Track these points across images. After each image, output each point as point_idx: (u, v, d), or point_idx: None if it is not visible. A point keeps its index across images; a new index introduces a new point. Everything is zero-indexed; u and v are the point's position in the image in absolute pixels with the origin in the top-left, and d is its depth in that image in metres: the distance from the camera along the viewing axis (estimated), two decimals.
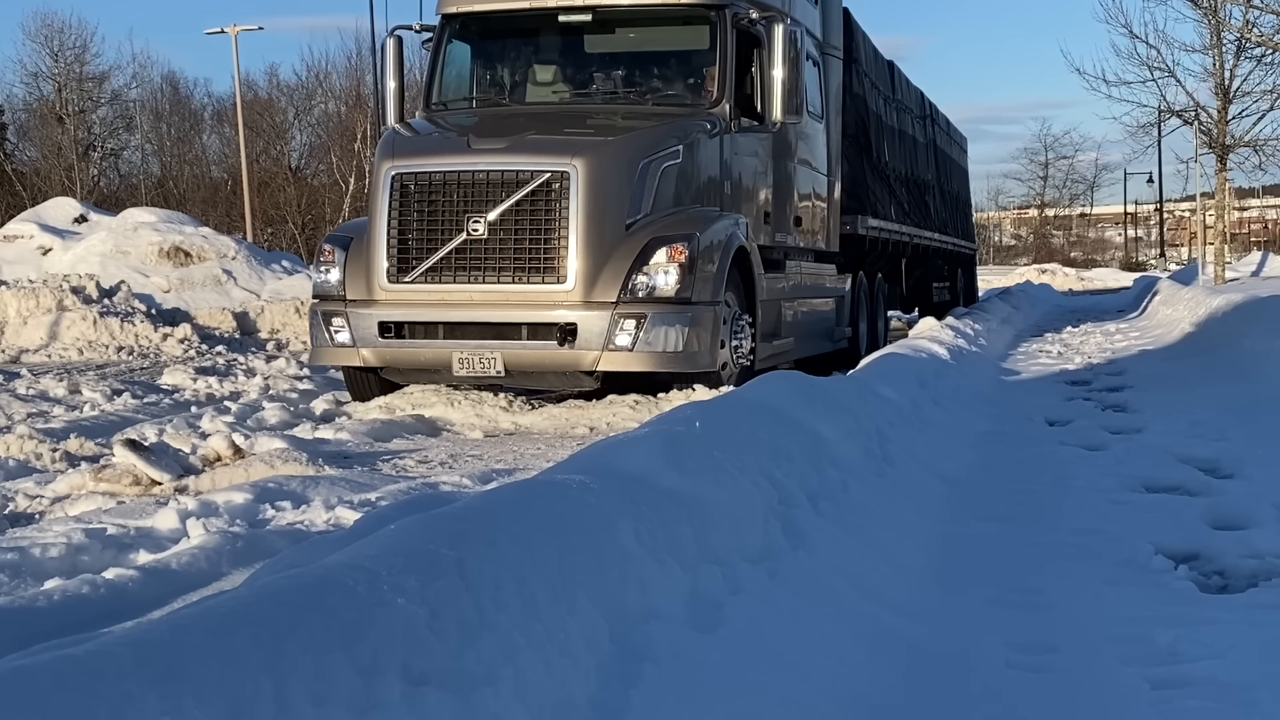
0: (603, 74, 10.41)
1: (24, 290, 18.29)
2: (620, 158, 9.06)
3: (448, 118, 10.29)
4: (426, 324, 9.06)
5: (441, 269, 8.91)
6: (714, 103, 9.86)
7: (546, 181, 8.73)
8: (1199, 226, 30.53)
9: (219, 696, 1.83)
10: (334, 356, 9.47)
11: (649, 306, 8.71)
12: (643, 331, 8.67)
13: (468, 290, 8.88)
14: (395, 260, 8.98)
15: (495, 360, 8.82)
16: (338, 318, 9.22)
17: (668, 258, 8.73)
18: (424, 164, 9.06)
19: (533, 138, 9.12)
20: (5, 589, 4.36)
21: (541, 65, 10.69)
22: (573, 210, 8.68)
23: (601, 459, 3.72)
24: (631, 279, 8.71)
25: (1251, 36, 20.53)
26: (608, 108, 10.05)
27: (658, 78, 10.33)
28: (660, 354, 8.73)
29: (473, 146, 9.11)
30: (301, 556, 3.06)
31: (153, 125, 54.70)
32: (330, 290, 9.32)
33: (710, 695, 2.85)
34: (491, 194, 8.79)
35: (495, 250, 8.80)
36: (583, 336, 8.71)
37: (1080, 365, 13.14)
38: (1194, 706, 3.08)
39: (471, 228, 8.77)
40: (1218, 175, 23.32)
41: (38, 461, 7.35)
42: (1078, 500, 5.71)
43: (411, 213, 8.96)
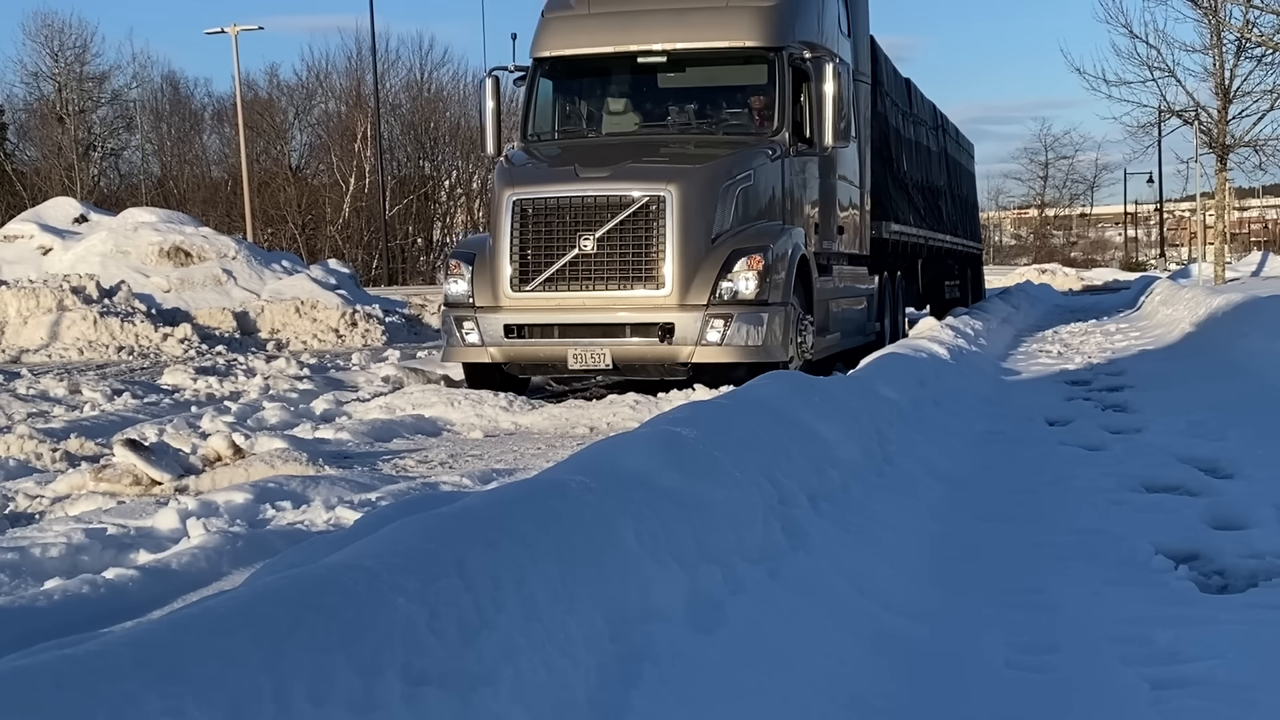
0: (677, 108, 11.93)
1: (24, 290, 18.29)
2: (706, 183, 10.57)
3: (542, 149, 11.80)
4: (545, 325, 10.58)
5: (557, 279, 10.44)
6: (774, 132, 11.38)
7: (645, 204, 10.27)
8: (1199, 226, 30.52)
9: (219, 696, 1.83)
10: (465, 355, 10.90)
11: (734, 308, 10.22)
12: (729, 329, 10.18)
13: (580, 296, 10.40)
14: (518, 272, 10.49)
15: (605, 355, 10.30)
16: (468, 321, 10.70)
17: (747, 266, 10.26)
18: (540, 191, 10.59)
19: (632, 166, 10.64)
20: (5, 589, 4.36)
21: (620, 100, 12.27)
22: (668, 228, 10.23)
23: (601, 459, 3.72)
24: (719, 285, 10.25)
25: (1251, 36, 20.54)
26: (682, 137, 11.55)
27: (725, 110, 11.86)
28: (744, 347, 10.19)
29: (580, 175, 10.60)
30: (301, 556, 3.06)
31: (153, 125, 54.69)
32: (460, 298, 10.80)
33: (710, 695, 2.85)
34: (599, 215, 10.33)
35: (603, 262, 10.34)
36: (680, 334, 10.23)
37: (1080, 365, 13.14)
38: (1194, 706, 3.08)
39: (582, 244, 10.33)
40: (1218, 175, 23.33)
41: (38, 461, 7.35)
42: (1078, 500, 5.71)
43: (530, 232, 10.48)
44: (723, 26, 11.57)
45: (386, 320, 20.49)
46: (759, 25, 11.48)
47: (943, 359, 10.62)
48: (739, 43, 11.55)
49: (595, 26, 11.84)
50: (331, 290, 21.14)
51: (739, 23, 11.52)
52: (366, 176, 50.60)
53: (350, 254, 45.77)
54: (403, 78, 54.96)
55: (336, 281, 22.28)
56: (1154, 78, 22.50)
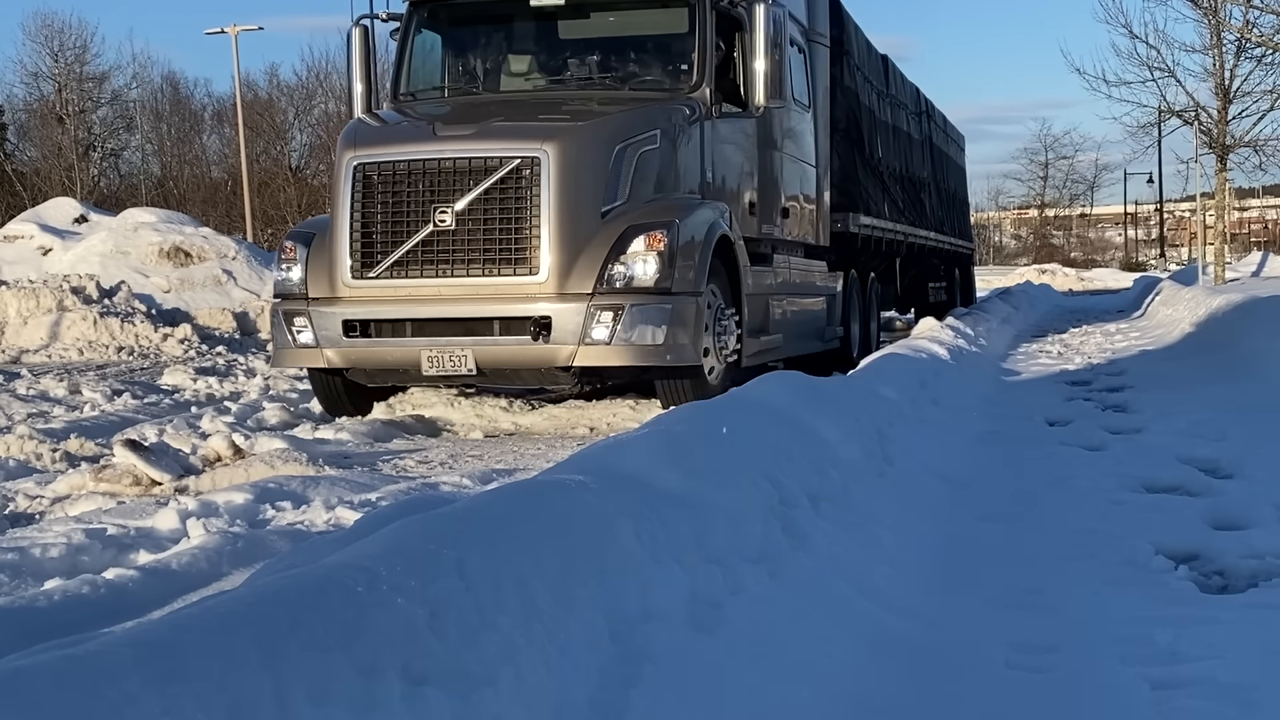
0: (577, 60, 10.04)
1: (24, 290, 18.29)
2: (594, 142, 8.67)
3: (417, 108, 9.90)
4: (393, 321, 8.66)
5: (408, 263, 8.51)
6: (693, 87, 9.46)
7: (516, 168, 8.36)
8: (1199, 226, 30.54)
9: (219, 696, 1.83)
10: (297, 358, 9.06)
11: (627, 297, 8.28)
12: (620, 324, 8.25)
13: (436, 284, 8.47)
14: (359, 255, 8.59)
15: (466, 358, 8.43)
16: (300, 317, 8.81)
17: (646, 246, 8.32)
18: (387, 153, 8.67)
19: (501, 124, 8.80)
20: (5, 589, 4.36)
21: (514, 53, 10.38)
22: (544, 198, 8.29)
23: (601, 459, 3.72)
24: (608, 269, 8.31)
25: (1251, 36, 20.54)
26: (583, 94, 9.67)
27: (635, 63, 10.00)
28: (640, 347, 8.30)
29: (438, 134, 8.75)
30: (301, 556, 3.06)
31: (153, 125, 54.72)
32: (292, 289, 8.94)
33: (710, 695, 2.85)
34: (459, 183, 8.41)
35: (463, 242, 8.41)
36: (557, 330, 8.31)
37: (1080, 365, 13.14)
38: (1194, 706, 3.08)
39: (438, 219, 8.40)
40: (1218, 175, 23.33)
41: (38, 461, 7.35)
42: (1078, 500, 5.71)
43: (375, 205, 8.59)
44: None
45: None
46: None
47: (943, 359, 10.62)
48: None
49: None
50: None
51: None
52: None
53: None
54: None
55: None
56: (1154, 78, 22.51)
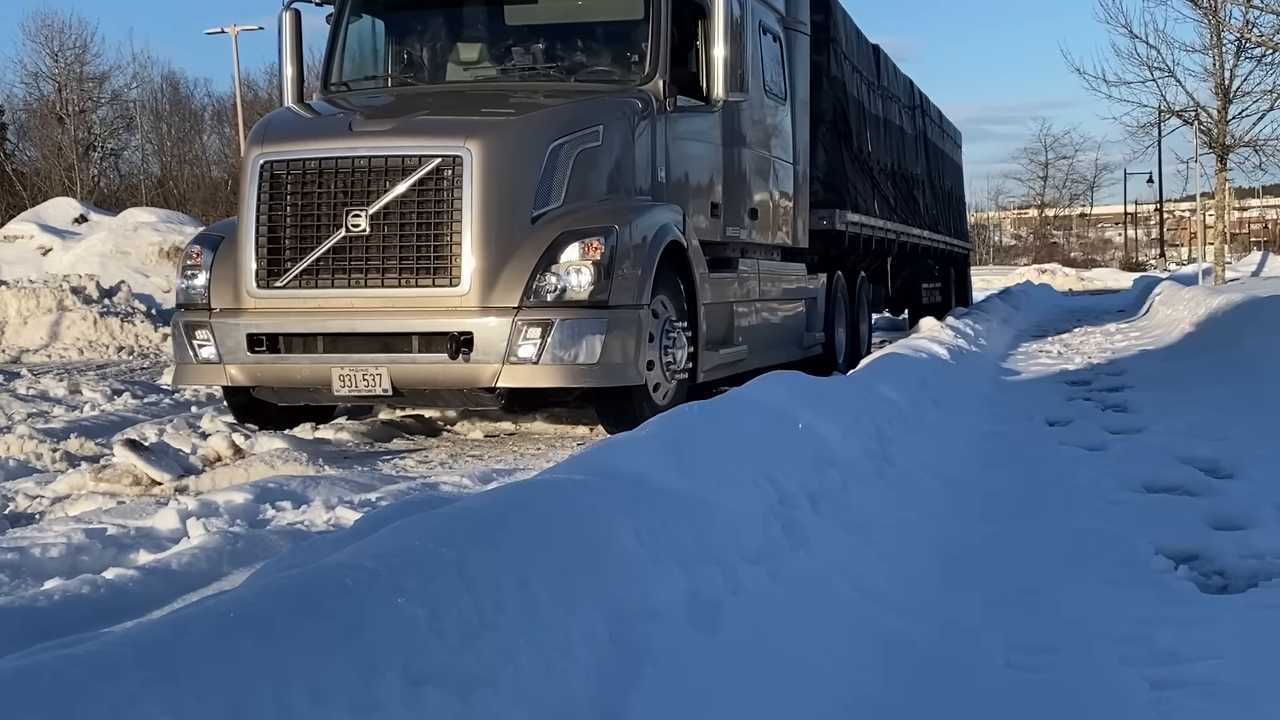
0: (522, 49, 9.27)
1: (24, 290, 18.29)
2: (525, 139, 7.92)
3: (350, 99, 9.16)
4: (302, 335, 7.89)
5: (318, 271, 7.76)
6: (646, 79, 8.70)
7: (437, 167, 7.60)
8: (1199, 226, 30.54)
9: (219, 696, 1.83)
10: (198, 376, 8.31)
11: (557, 311, 7.51)
12: (549, 340, 7.46)
13: (348, 296, 7.73)
14: (265, 262, 7.85)
15: (381, 377, 7.67)
16: (202, 330, 8.06)
17: (581, 254, 7.55)
18: (297, 150, 7.92)
19: (423, 118, 8.09)
20: (5, 589, 4.36)
21: (456, 41, 9.64)
22: (467, 200, 7.53)
23: (601, 459, 3.72)
24: (537, 279, 7.53)
25: (1251, 36, 20.55)
26: (526, 86, 8.91)
27: (584, 52, 9.23)
28: (571, 367, 7.53)
29: (355, 129, 7.99)
30: (301, 556, 3.06)
31: (153, 125, 54.73)
32: (195, 298, 8.17)
33: (710, 695, 2.85)
34: (374, 184, 7.65)
35: (379, 249, 7.66)
36: (480, 347, 7.54)
37: (1080, 365, 13.14)
38: (1194, 706, 3.08)
39: (351, 223, 7.64)
40: (1218, 175, 23.35)
41: (38, 461, 7.35)
42: (1078, 500, 5.70)
43: (283, 207, 7.82)
44: None
45: None
46: None
47: (943, 359, 10.62)
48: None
49: None
50: None
51: None
52: None
53: None
54: None
55: None
56: (1154, 78, 22.53)
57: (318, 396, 8.12)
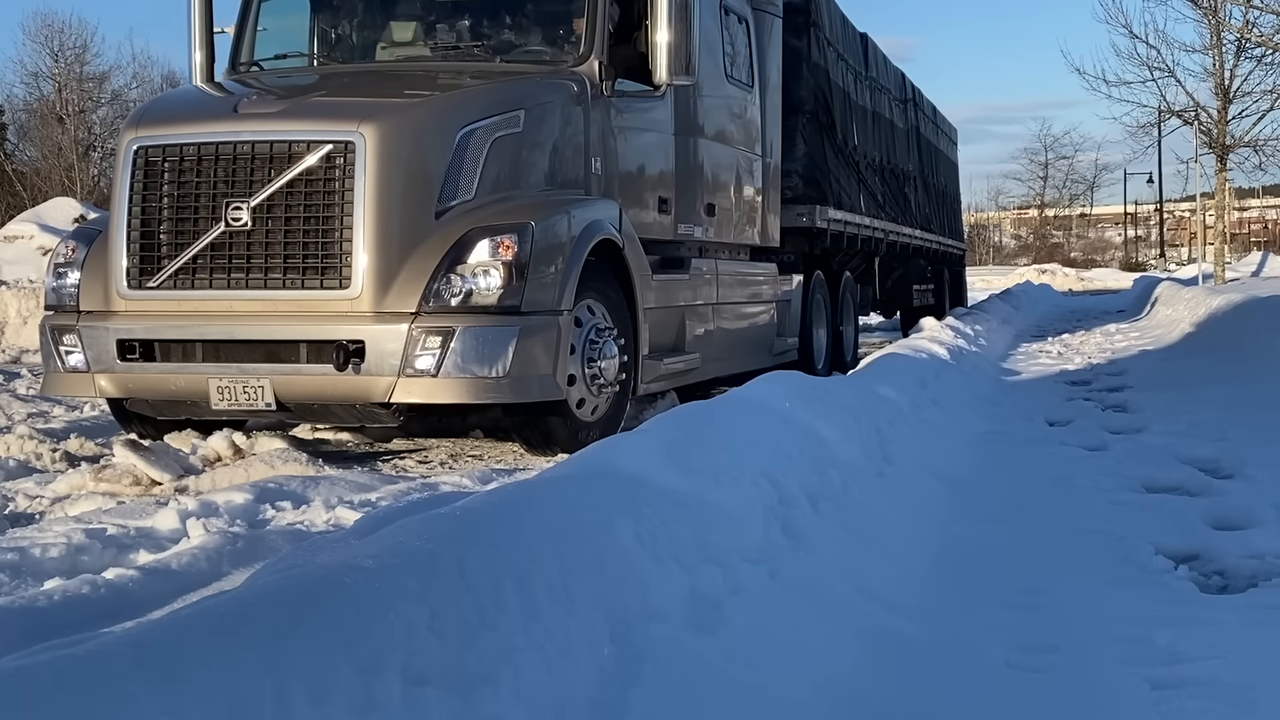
0: (447, 26, 8.61)
1: (24, 290, 18.30)
2: (429, 124, 7.17)
3: (261, 79, 8.46)
4: (177, 342, 7.14)
5: (195, 270, 7.01)
6: (579, 59, 7.93)
7: (327, 155, 6.84)
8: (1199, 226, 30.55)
9: (219, 696, 1.83)
10: (66, 385, 7.50)
11: (461, 318, 6.76)
12: (450, 350, 6.70)
13: (228, 298, 6.98)
14: (138, 259, 7.08)
15: (263, 389, 6.94)
16: (69, 334, 7.29)
17: (491, 253, 6.78)
18: (174, 134, 7.11)
19: (314, 100, 7.39)
20: (5, 589, 4.36)
21: (379, 17, 8.92)
22: (359, 192, 6.77)
23: (601, 459, 3.72)
24: (438, 281, 6.77)
25: (1251, 36, 20.56)
26: (450, 66, 8.21)
27: (513, 30, 8.49)
28: (475, 380, 6.77)
29: (240, 111, 7.20)
30: (301, 556, 3.06)
31: None
32: (64, 299, 7.39)
33: (710, 695, 2.85)
34: (258, 172, 6.90)
35: (262, 245, 6.91)
36: (372, 358, 6.77)
37: (1080, 365, 13.14)
38: (1194, 706, 3.08)
39: (232, 216, 6.88)
40: (1218, 175, 23.36)
41: (38, 461, 7.35)
42: (1078, 500, 5.71)
43: (158, 197, 7.05)
44: None
45: None
46: None
47: (943, 359, 10.62)
48: None
49: None
50: None
51: None
52: None
53: None
54: None
55: None
56: (1154, 78, 22.56)
57: (196, 410, 7.38)
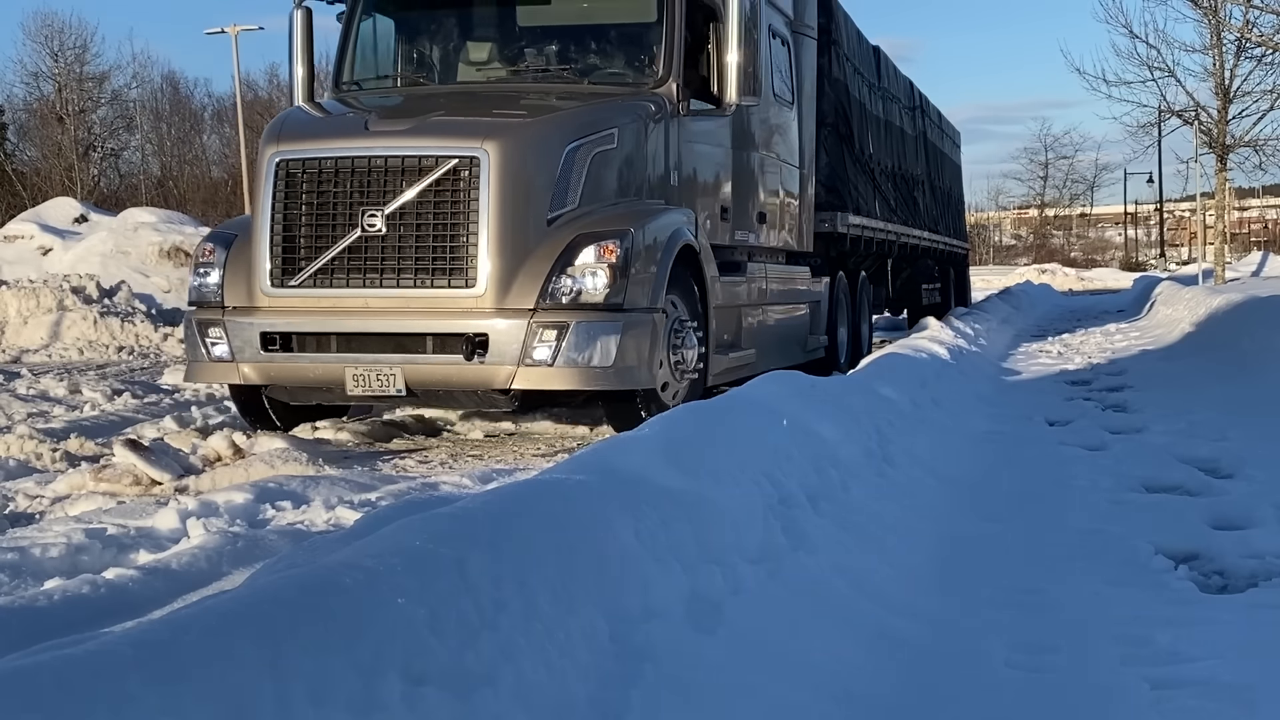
0: (535, 50, 9.26)
1: (24, 290, 18.30)
2: (541, 141, 7.92)
3: (361, 98, 9.18)
4: (316, 335, 7.88)
5: (333, 271, 7.73)
6: (659, 81, 8.69)
7: (454, 168, 7.59)
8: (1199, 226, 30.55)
9: (219, 696, 1.83)
10: (212, 374, 8.26)
11: (573, 314, 7.53)
12: (565, 343, 7.48)
13: (363, 295, 7.71)
14: (280, 261, 7.82)
15: (395, 377, 7.64)
16: (215, 328, 8.04)
17: (596, 257, 7.56)
18: (313, 148, 7.90)
19: (439, 119, 8.03)
20: (5, 589, 4.36)
21: (468, 41, 9.64)
22: (484, 202, 7.52)
23: (601, 459, 3.72)
24: (552, 282, 7.54)
25: (1251, 36, 20.56)
26: (540, 87, 8.92)
27: (597, 54, 9.23)
28: (586, 369, 7.53)
29: (371, 129, 7.97)
30: (301, 556, 3.06)
31: (153, 125, 54.74)
32: (208, 296, 8.17)
33: (710, 695, 2.85)
34: (390, 183, 7.64)
35: (395, 249, 7.63)
36: (495, 349, 7.53)
37: (1080, 365, 13.14)
38: (1194, 706, 3.08)
39: (367, 223, 7.61)
40: (1218, 175, 23.36)
41: (38, 461, 7.36)
42: (1078, 500, 5.71)
43: (299, 205, 7.79)
44: None
45: None
46: None
47: (943, 359, 10.62)
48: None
49: None
50: None
51: None
52: None
53: None
54: None
55: None
56: (1154, 78, 22.55)
57: (330, 396, 8.10)
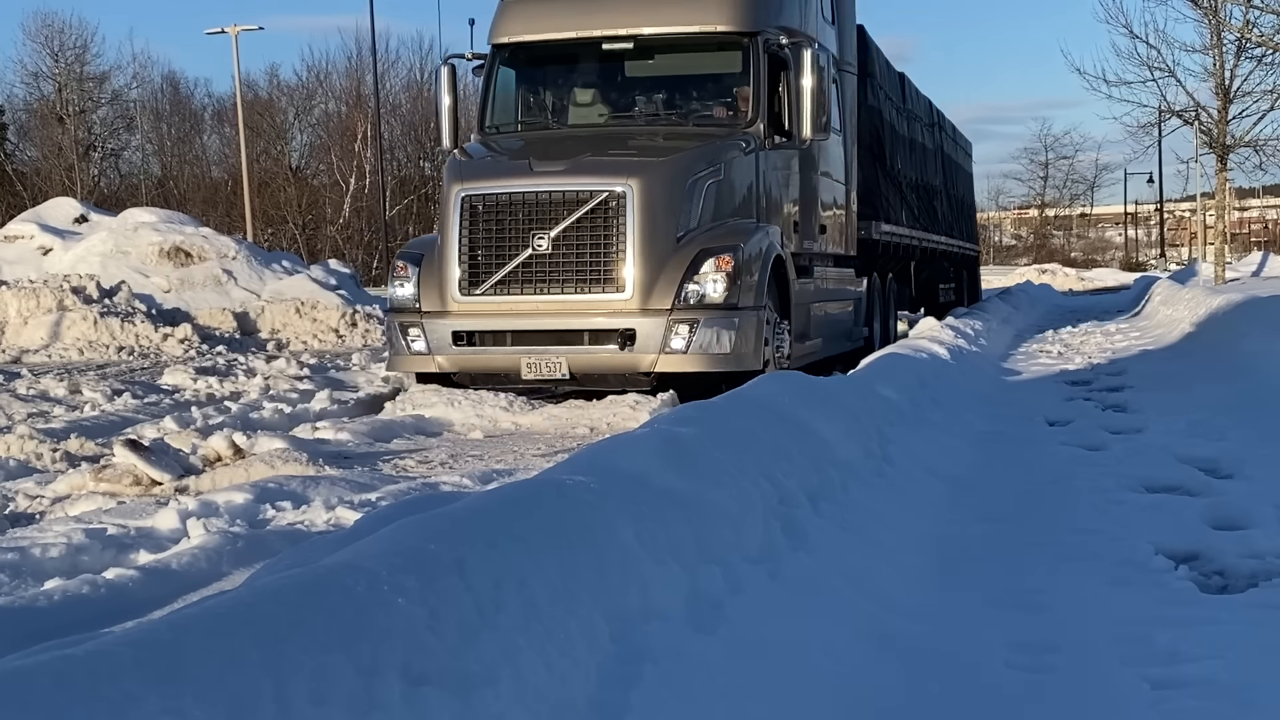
0: (644, 97, 11.25)
1: (24, 290, 18.29)
2: (671, 177, 9.92)
3: (502, 141, 11.18)
4: (497, 332, 9.93)
5: (509, 281, 9.78)
6: (749, 123, 10.71)
7: (604, 200, 9.63)
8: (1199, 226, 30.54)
9: (219, 696, 1.83)
10: (411, 364, 10.27)
11: (700, 313, 9.58)
12: (695, 335, 9.55)
13: (534, 300, 9.74)
14: (467, 274, 9.86)
15: (561, 364, 9.66)
16: (414, 328, 10.07)
17: (716, 268, 9.61)
18: (491, 186, 9.94)
19: (591, 159, 10.02)
20: (5, 589, 4.36)
21: (585, 89, 11.55)
22: (629, 226, 9.59)
23: (601, 459, 3.72)
24: (684, 288, 9.60)
25: (1251, 36, 20.53)
26: (649, 129, 10.93)
27: (695, 100, 11.23)
28: (711, 355, 9.58)
29: (535, 169, 9.98)
30: (301, 556, 3.06)
31: (153, 125, 54.71)
32: (406, 303, 10.18)
33: (710, 695, 2.85)
34: (554, 212, 9.68)
35: (559, 264, 9.68)
36: (641, 341, 9.60)
37: (1080, 365, 13.14)
38: (1194, 706, 3.08)
39: (536, 243, 9.68)
40: (1218, 175, 23.34)
41: (38, 461, 7.35)
42: (1078, 500, 5.70)
43: (480, 231, 9.84)
44: (694, 10, 10.99)
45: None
46: (733, 9, 10.88)
47: (943, 359, 10.63)
48: (711, 27, 10.94)
49: (557, 10, 11.30)
50: (332, 290, 21.15)
51: (711, 6, 10.94)
52: (367, 177, 50.62)
53: (350, 254, 45.82)
54: (403, 78, 55.05)
55: (337, 282, 22.29)
56: (1154, 78, 22.47)
57: (506, 380, 10.05)
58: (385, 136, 46.98)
